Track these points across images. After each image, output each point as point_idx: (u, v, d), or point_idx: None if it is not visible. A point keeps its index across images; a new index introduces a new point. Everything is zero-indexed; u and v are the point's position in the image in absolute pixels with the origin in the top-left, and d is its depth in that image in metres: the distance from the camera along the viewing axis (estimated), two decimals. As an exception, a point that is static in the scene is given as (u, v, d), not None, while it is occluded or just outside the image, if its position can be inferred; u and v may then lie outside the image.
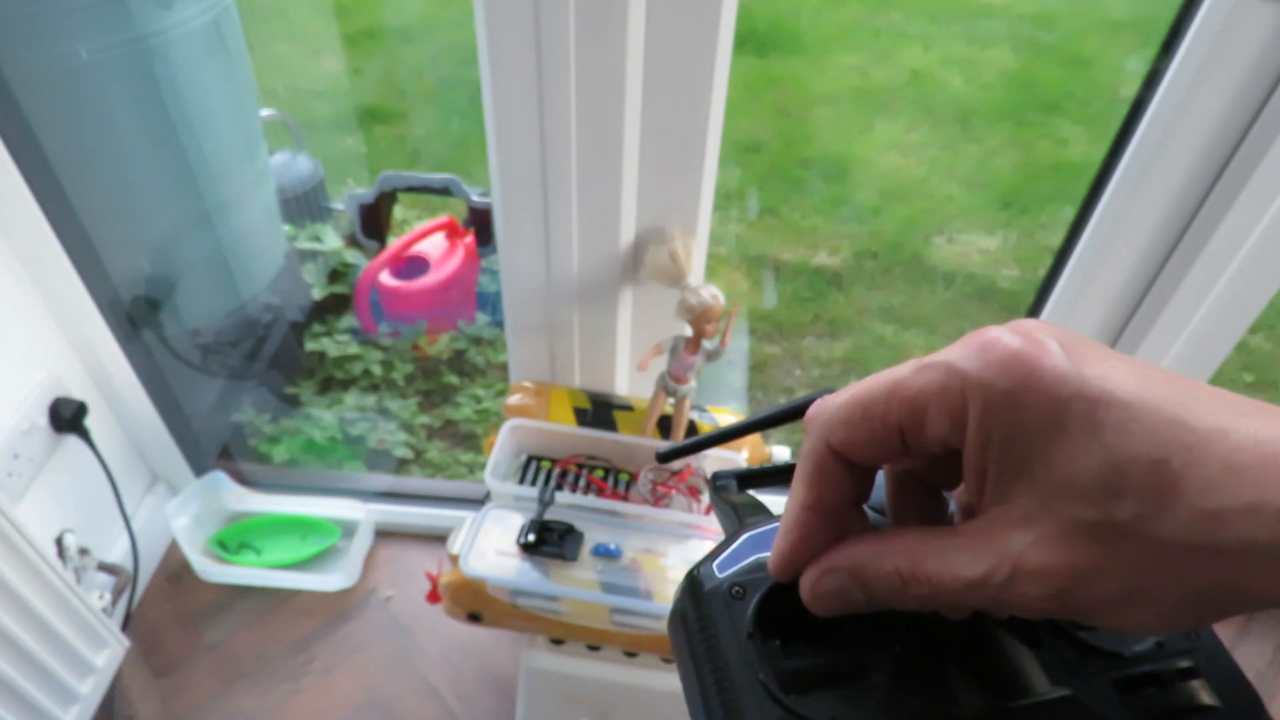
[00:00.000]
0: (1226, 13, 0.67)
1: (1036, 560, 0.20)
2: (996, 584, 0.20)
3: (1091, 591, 0.20)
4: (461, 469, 1.47)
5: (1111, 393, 0.19)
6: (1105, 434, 0.19)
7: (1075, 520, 0.19)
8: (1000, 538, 0.20)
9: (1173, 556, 0.19)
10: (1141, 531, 0.19)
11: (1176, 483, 0.18)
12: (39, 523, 1.01)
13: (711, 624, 0.24)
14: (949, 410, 0.21)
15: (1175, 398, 0.19)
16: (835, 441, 0.23)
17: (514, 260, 0.84)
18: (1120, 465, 0.19)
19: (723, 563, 0.26)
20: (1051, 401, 0.20)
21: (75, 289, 1.00)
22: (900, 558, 0.22)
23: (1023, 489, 0.20)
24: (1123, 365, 0.20)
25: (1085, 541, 0.19)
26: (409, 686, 1.13)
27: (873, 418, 0.22)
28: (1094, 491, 0.19)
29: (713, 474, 0.34)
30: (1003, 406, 0.20)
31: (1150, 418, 0.19)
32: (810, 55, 2.28)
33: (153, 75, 1.02)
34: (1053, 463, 0.20)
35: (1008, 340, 0.20)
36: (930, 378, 0.21)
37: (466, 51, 0.75)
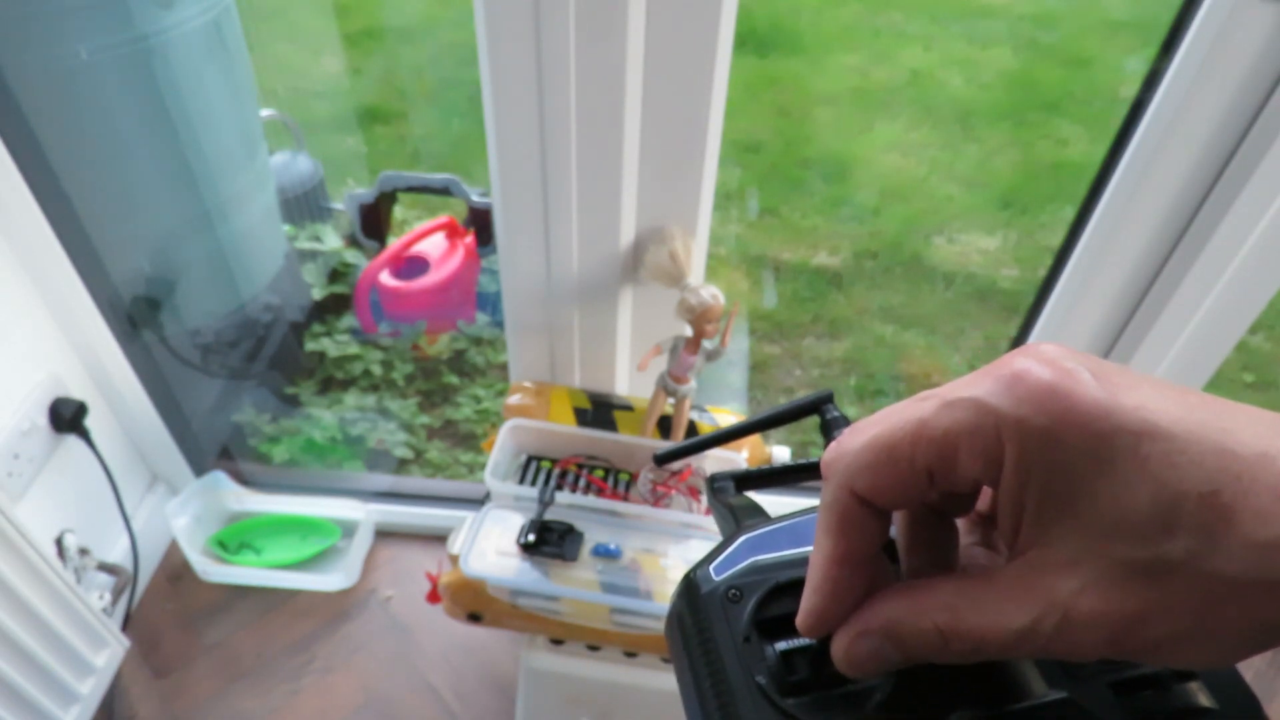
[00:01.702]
0: (1226, 13, 0.67)
1: (1088, 606, 0.19)
2: (1046, 633, 0.19)
3: (1148, 633, 0.19)
4: (461, 469, 1.47)
5: (1154, 424, 0.19)
6: (1152, 468, 0.18)
7: (1126, 561, 0.19)
8: (1045, 583, 0.19)
9: (1230, 592, 0.18)
10: (1196, 568, 0.18)
11: (1229, 515, 0.18)
12: (39, 523, 1.01)
13: (708, 627, 0.24)
14: (983, 451, 0.20)
15: (1217, 424, 0.19)
16: (860, 488, 0.22)
17: (514, 260, 0.84)
18: (1170, 501, 0.18)
19: (719, 565, 0.25)
20: (1093, 437, 0.19)
21: (75, 289, 1.00)
22: (939, 614, 0.21)
23: (1066, 530, 0.19)
24: (1157, 392, 0.19)
25: (1138, 583, 0.18)
26: (409, 686, 1.13)
27: (899, 461, 0.21)
28: (1144, 529, 0.18)
29: (710, 476, 0.34)
30: (1041, 445, 0.19)
31: (1196, 448, 0.18)
32: (810, 55, 2.28)
33: (153, 75, 1.02)
34: (1098, 501, 0.19)
35: (1039, 373, 0.19)
36: (959, 416, 0.20)
37: (466, 51, 0.75)
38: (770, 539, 0.26)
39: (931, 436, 0.20)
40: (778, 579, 0.25)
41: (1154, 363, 0.91)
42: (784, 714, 0.22)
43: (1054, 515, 0.19)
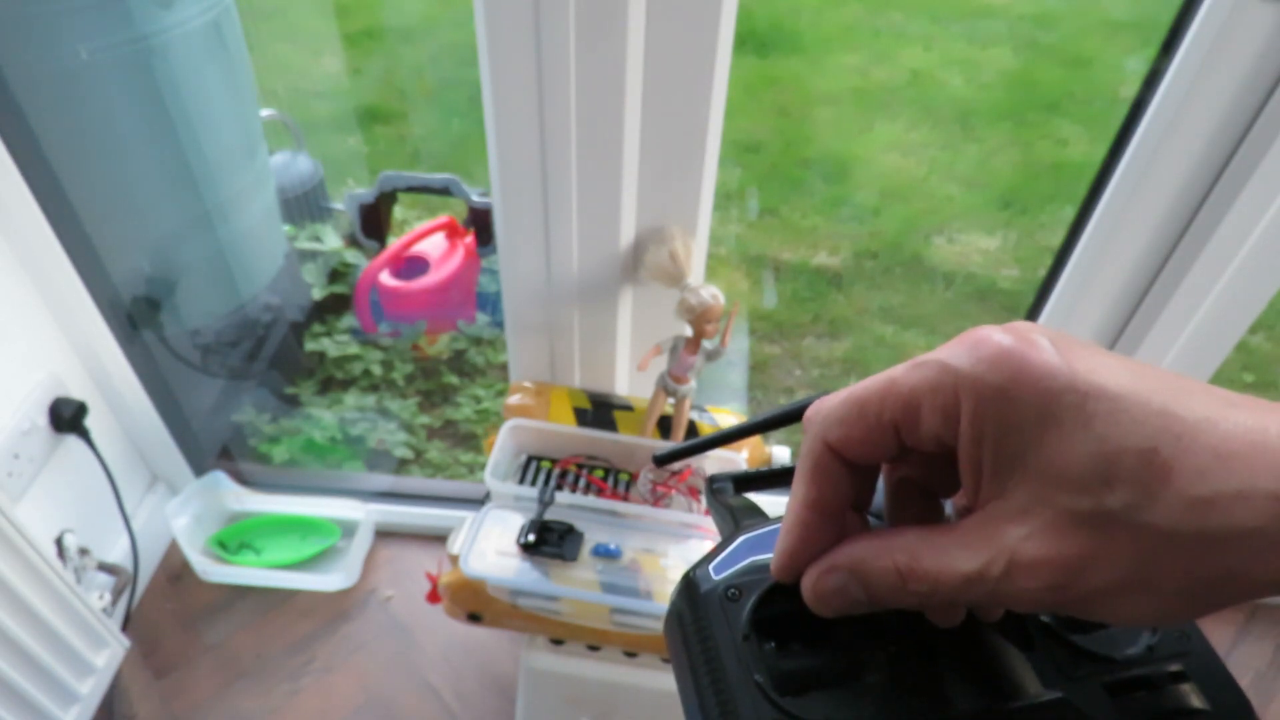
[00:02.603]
0: (1226, 13, 0.67)
1: (1032, 552, 0.20)
2: (993, 577, 0.20)
3: (1088, 582, 0.20)
4: (461, 469, 1.47)
5: (1101, 385, 0.20)
6: (1096, 424, 0.19)
7: (1069, 511, 0.20)
8: (996, 532, 0.21)
9: (1167, 544, 0.19)
10: (1135, 520, 0.19)
11: (1167, 471, 0.19)
12: (39, 523, 1.01)
13: (707, 626, 0.24)
14: (941, 406, 0.21)
15: (1165, 391, 0.20)
16: (832, 439, 0.23)
17: (514, 260, 0.84)
18: (1111, 454, 0.19)
19: (719, 565, 0.26)
20: (1042, 394, 0.20)
21: (75, 289, 1.00)
22: (899, 554, 0.22)
23: (1017, 482, 0.20)
24: (1113, 361, 0.21)
25: (1080, 532, 0.19)
26: (409, 686, 1.13)
27: (868, 415, 0.22)
28: (1086, 481, 0.19)
29: (709, 477, 0.34)
30: (994, 401, 0.20)
31: (1140, 409, 0.19)
32: (810, 55, 2.28)
33: (153, 75, 1.02)
34: (1045, 454, 0.20)
35: (999, 338, 0.21)
36: (923, 375, 0.22)
37: (466, 51, 0.75)
38: (769, 539, 0.26)
39: (898, 393, 0.22)
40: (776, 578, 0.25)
41: (1154, 362, 0.90)
42: (783, 712, 0.22)
43: (1007, 469, 0.21)
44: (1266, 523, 0.18)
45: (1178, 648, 0.24)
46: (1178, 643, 0.24)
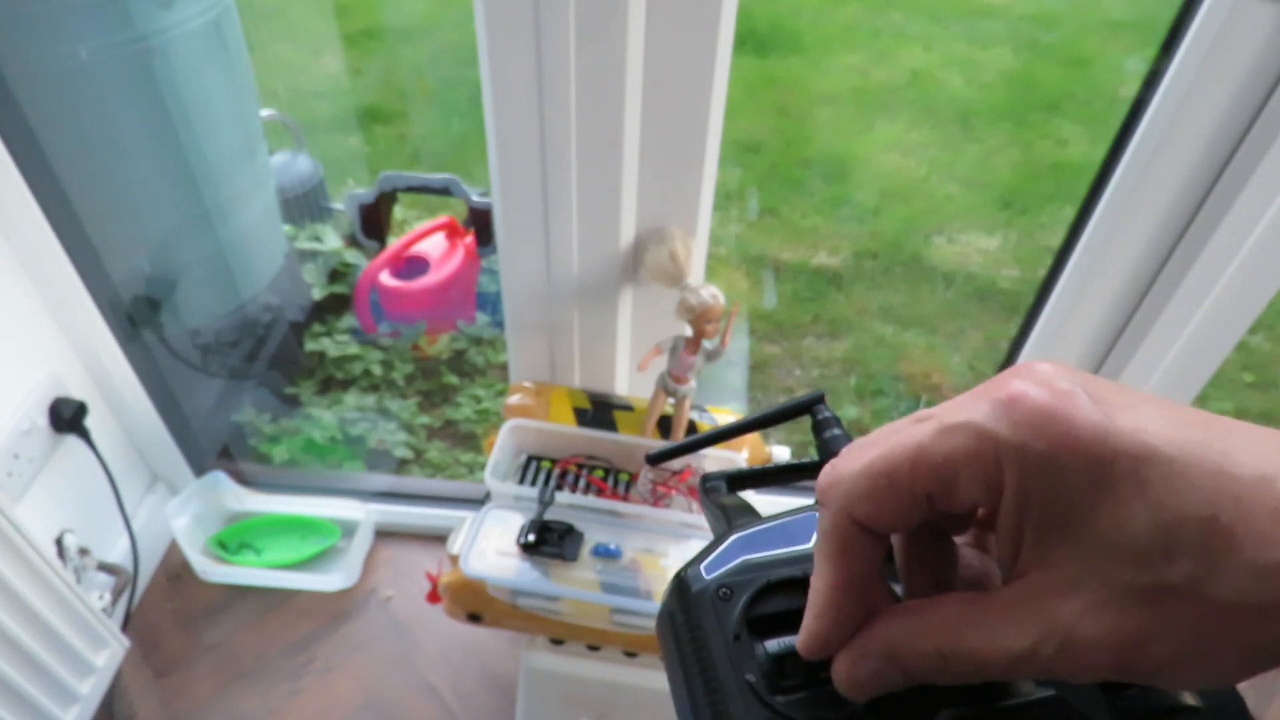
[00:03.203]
0: (1226, 13, 0.67)
1: (1089, 630, 0.19)
2: (1046, 656, 0.19)
3: (1150, 656, 0.19)
4: (461, 469, 1.47)
5: (1153, 447, 0.19)
6: (1151, 493, 0.18)
7: (1127, 585, 0.19)
8: (1047, 606, 0.20)
9: (1231, 615, 0.18)
10: (1197, 592, 0.18)
11: (1229, 540, 0.18)
12: (39, 523, 1.01)
13: (699, 626, 0.24)
14: (983, 476, 0.20)
15: (1215, 445, 0.19)
16: (859, 515, 0.22)
17: (514, 260, 0.84)
18: (1171, 524, 0.18)
19: (710, 564, 0.25)
20: (1092, 462, 0.19)
21: (75, 289, 1.00)
22: (940, 636, 0.21)
23: (1066, 553, 0.19)
24: (1154, 411, 0.20)
25: (1139, 606, 0.19)
26: (409, 686, 1.13)
27: (899, 488, 0.21)
28: (1145, 554, 0.18)
29: (703, 476, 0.34)
30: (1040, 469, 0.19)
31: (1195, 471, 0.18)
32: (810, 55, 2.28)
33: (153, 75, 1.02)
34: (1099, 525, 0.19)
35: (1036, 395, 0.20)
36: (958, 441, 0.20)
37: (466, 51, 0.75)
38: (761, 538, 0.26)
39: (931, 463, 0.21)
40: (768, 578, 0.25)
41: (1154, 362, 0.91)
42: (774, 712, 0.22)
43: (1054, 539, 0.20)
44: None
45: None
46: None
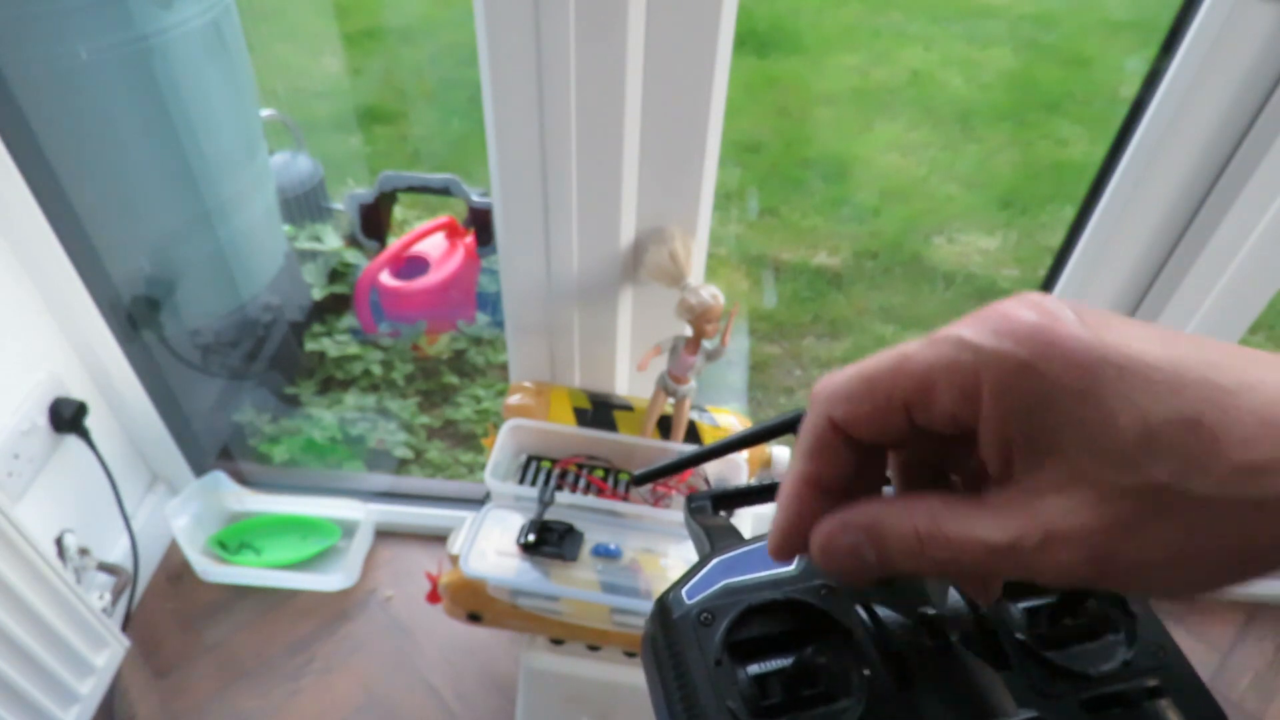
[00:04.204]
0: (1226, 13, 0.67)
1: (1072, 523, 0.19)
2: (1027, 549, 0.20)
3: (1130, 555, 0.19)
4: (461, 469, 1.47)
5: (1137, 356, 0.19)
6: (1136, 397, 0.19)
7: (1111, 485, 0.19)
8: (1031, 504, 0.20)
9: (1216, 515, 0.18)
10: (1180, 491, 0.19)
11: (1213, 441, 0.18)
12: (39, 523, 1.01)
13: (681, 650, 0.24)
14: (960, 385, 0.21)
15: (1202, 357, 0.19)
16: (838, 416, 0.22)
17: (514, 260, 0.84)
18: (1154, 426, 0.19)
19: (692, 589, 0.25)
20: (1075, 368, 0.19)
21: (75, 289, 1.00)
22: (921, 518, 0.21)
23: (1051, 459, 0.20)
24: (1143, 329, 0.20)
25: (1121, 505, 0.19)
26: (409, 686, 1.13)
27: (878, 393, 0.22)
28: (1130, 455, 0.19)
29: (687, 496, 0.34)
30: (1021, 377, 0.20)
31: (1180, 378, 0.19)
32: (810, 55, 2.28)
33: (153, 75, 1.02)
34: (1083, 430, 0.19)
35: (1024, 314, 0.20)
36: (940, 351, 0.21)
37: (466, 51, 0.75)
38: (742, 561, 0.26)
39: (911, 370, 0.21)
40: (749, 602, 0.25)
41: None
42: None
43: (1040, 446, 0.20)
44: None
45: (1153, 662, 0.24)
46: (1153, 657, 0.24)
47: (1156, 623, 0.25)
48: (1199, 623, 1.22)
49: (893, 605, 0.24)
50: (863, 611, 0.24)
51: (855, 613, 0.24)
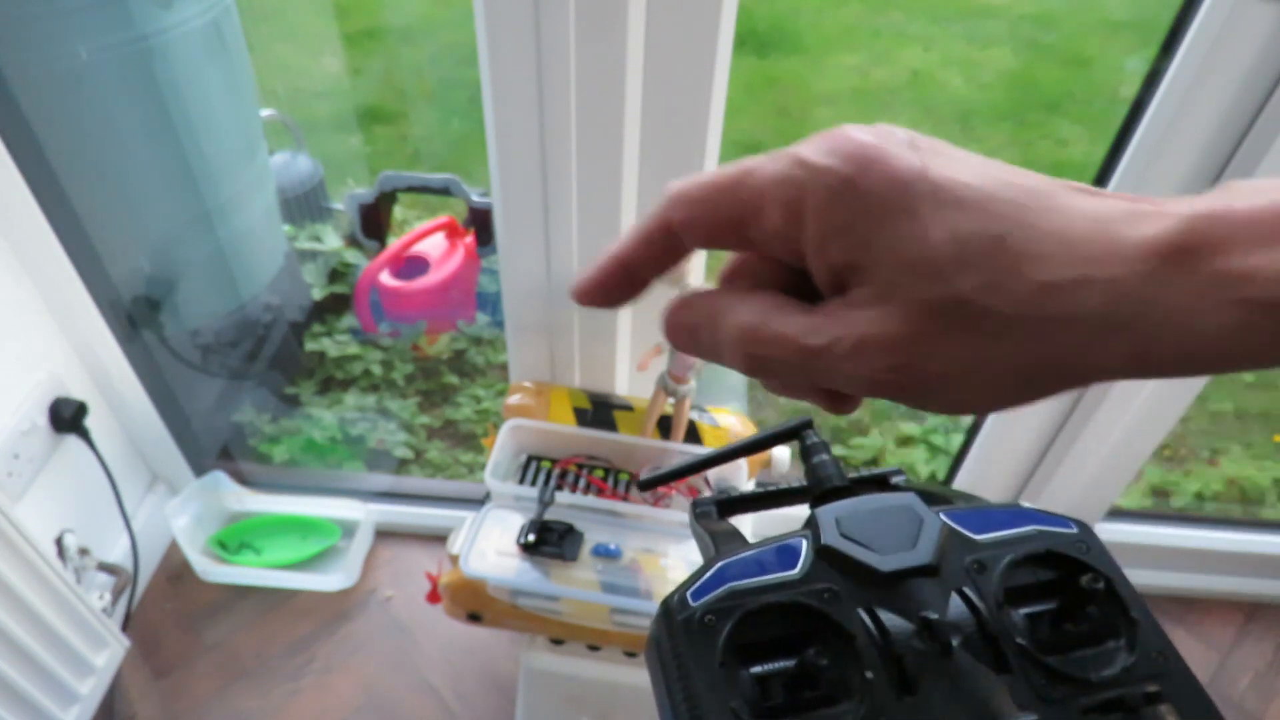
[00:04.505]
0: (1226, 13, 0.67)
1: (880, 330, 0.21)
2: (837, 354, 0.21)
3: (929, 365, 0.20)
4: (461, 469, 1.47)
5: (953, 178, 0.20)
6: (947, 213, 0.20)
7: (920, 296, 0.20)
8: (849, 314, 0.21)
9: (1011, 328, 0.20)
10: (983, 305, 0.20)
11: (1016, 258, 0.19)
12: (39, 523, 1.01)
13: (683, 653, 0.24)
14: (787, 200, 0.21)
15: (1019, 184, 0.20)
16: (675, 220, 0.23)
17: (514, 260, 0.84)
18: (962, 240, 0.20)
19: (695, 592, 0.26)
20: (891, 183, 0.20)
21: (75, 289, 1.00)
22: (753, 313, 0.23)
23: (871, 273, 0.21)
24: (973, 160, 0.21)
25: (929, 315, 0.20)
26: (409, 686, 1.13)
27: (714, 202, 0.23)
28: (939, 267, 0.20)
29: (693, 501, 0.34)
30: (842, 191, 0.21)
31: (991, 199, 0.20)
32: (810, 55, 2.28)
33: (153, 75, 1.02)
34: (896, 244, 0.20)
35: (858, 135, 0.21)
36: (778, 167, 0.22)
37: (466, 51, 0.75)
38: (746, 565, 0.26)
39: (751, 184, 0.22)
40: (752, 605, 0.25)
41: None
42: None
43: (859, 261, 0.21)
44: (1102, 307, 0.19)
45: (1155, 668, 0.24)
46: (1154, 663, 0.24)
47: (1158, 630, 0.25)
48: (1199, 622, 1.22)
49: (895, 610, 0.25)
50: (865, 615, 0.25)
51: (858, 616, 0.25)
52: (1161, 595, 1.24)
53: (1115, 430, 0.99)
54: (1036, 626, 0.25)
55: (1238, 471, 1.46)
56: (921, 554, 0.25)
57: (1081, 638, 0.25)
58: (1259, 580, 1.22)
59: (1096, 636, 0.25)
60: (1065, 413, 1.02)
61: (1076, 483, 1.07)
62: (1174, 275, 0.19)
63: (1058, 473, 1.06)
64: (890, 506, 0.27)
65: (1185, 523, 1.21)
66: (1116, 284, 0.19)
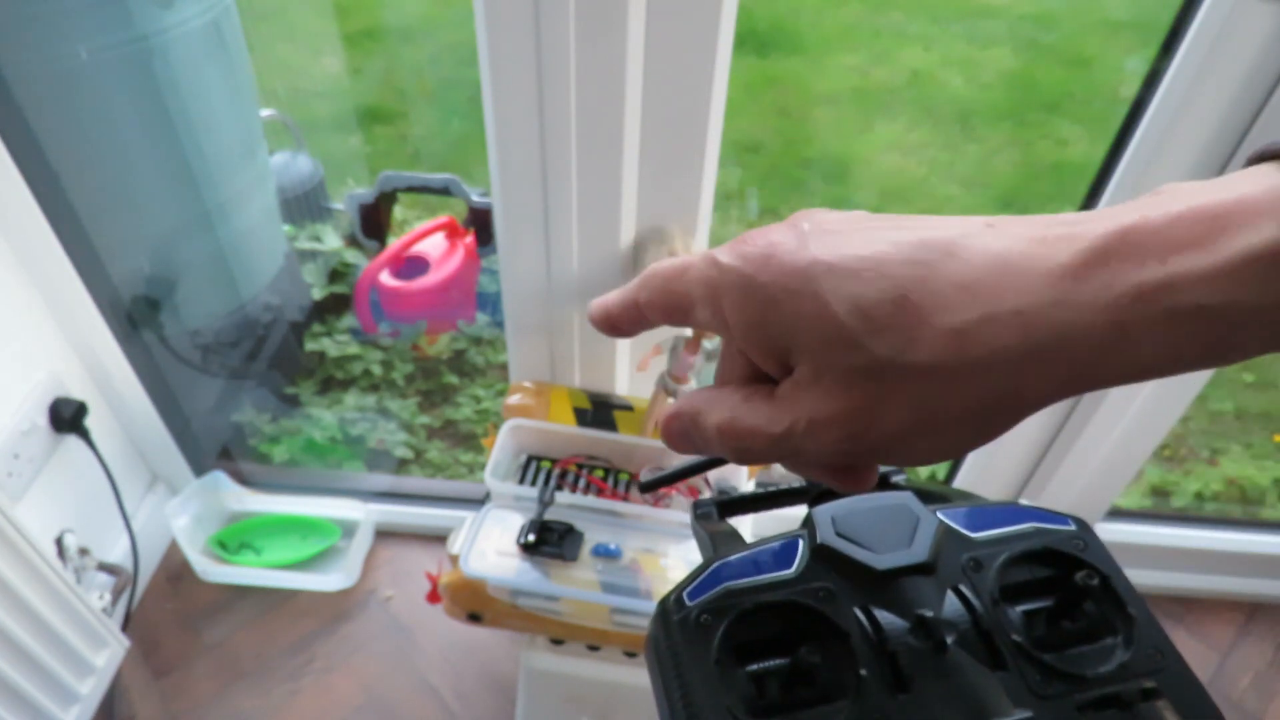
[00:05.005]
0: (1226, 13, 0.67)
1: (825, 410, 0.22)
2: (798, 435, 0.23)
3: (878, 428, 0.21)
4: (461, 469, 1.47)
5: (845, 254, 0.21)
6: (846, 286, 0.21)
7: (846, 367, 0.21)
8: (797, 398, 0.23)
9: (936, 379, 0.20)
10: (904, 364, 0.20)
11: (919, 312, 0.20)
12: (39, 523, 1.01)
13: (680, 651, 0.25)
14: (708, 300, 0.24)
15: (912, 240, 0.21)
16: (641, 300, 0.26)
17: (514, 260, 0.84)
18: (865, 308, 0.21)
19: (692, 591, 0.26)
20: (789, 273, 0.22)
21: (75, 289, 1.00)
22: (724, 412, 0.25)
23: (799, 356, 0.22)
24: (872, 230, 0.22)
25: (860, 384, 0.21)
26: (409, 686, 1.13)
27: (665, 294, 0.25)
28: (853, 337, 0.21)
29: (694, 502, 0.35)
30: (747, 289, 0.22)
31: (887, 263, 0.21)
32: (810, 55, 2.28)
33: (153, 75, 1.02)
34: (809, 323, 0.22)
35: (761, 236, 0.23)
36: (702, 268, 0.24)
37: (466, 51, 0.75)
38: (743, 565, 0.27)
39: (685, 279, 0.24)
40: (747, 604, 0.25)
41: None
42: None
43: (785, 347, 0.23)
44: (1014, 340, 0.19)
45: (1151, 665, 0.24)
46: (1151, 660, 0.24)
47: (1155, 626, 0.25)
48: (1199, 622, 1.22)
49: (891, 608, 0.25)
50: (860, 614, 0.25)
51: (853, 615, 0.25)
52: (1161, 595, 1.24)
53: (1115, 430, 0.99)
54: (1033, 623, 0.25)
55: (1238, 471, 1.46)
56: (917, 552, 0.26)
57: (1078, 635, 0.25)
58: (1259, 580, 1.22)
59: (1094, 633, 0.25)
60: (1065, 414, 1.02)
61: (1076, 483, 1.07)
62: (1086, 296, 0.19)
63: (1057, 473, 1.06)
64: (886, 505, 0.27)
65: (1185, 523, 1.21)
66: (1024, 315, 0.19)
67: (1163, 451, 1.49)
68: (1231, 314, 0.18)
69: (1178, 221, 0.19)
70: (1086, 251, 0.19)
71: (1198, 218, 0.19)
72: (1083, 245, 0.19)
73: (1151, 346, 0.19)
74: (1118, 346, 0.19)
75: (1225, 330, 0.19)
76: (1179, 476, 1.46)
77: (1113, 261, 0.19)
